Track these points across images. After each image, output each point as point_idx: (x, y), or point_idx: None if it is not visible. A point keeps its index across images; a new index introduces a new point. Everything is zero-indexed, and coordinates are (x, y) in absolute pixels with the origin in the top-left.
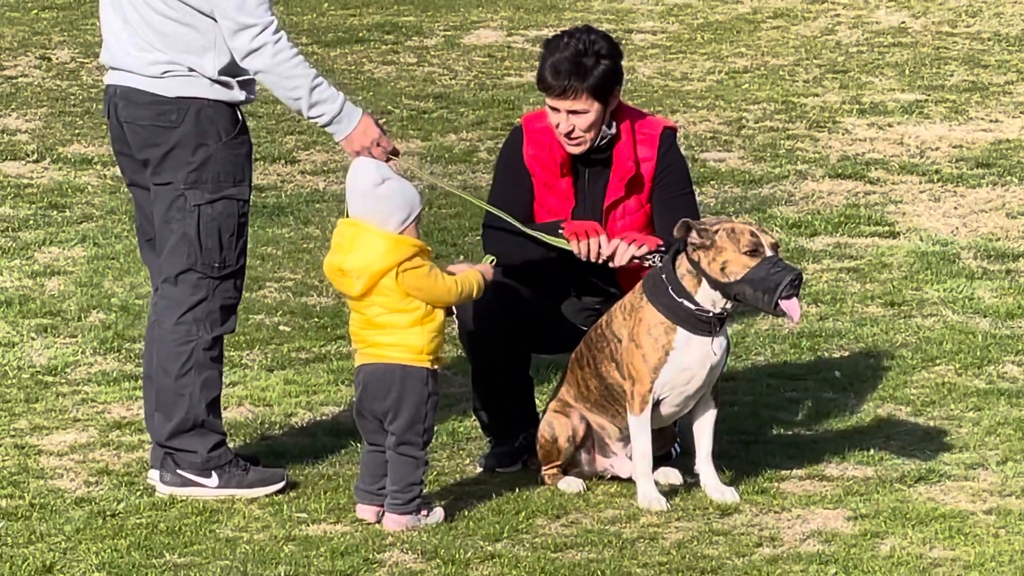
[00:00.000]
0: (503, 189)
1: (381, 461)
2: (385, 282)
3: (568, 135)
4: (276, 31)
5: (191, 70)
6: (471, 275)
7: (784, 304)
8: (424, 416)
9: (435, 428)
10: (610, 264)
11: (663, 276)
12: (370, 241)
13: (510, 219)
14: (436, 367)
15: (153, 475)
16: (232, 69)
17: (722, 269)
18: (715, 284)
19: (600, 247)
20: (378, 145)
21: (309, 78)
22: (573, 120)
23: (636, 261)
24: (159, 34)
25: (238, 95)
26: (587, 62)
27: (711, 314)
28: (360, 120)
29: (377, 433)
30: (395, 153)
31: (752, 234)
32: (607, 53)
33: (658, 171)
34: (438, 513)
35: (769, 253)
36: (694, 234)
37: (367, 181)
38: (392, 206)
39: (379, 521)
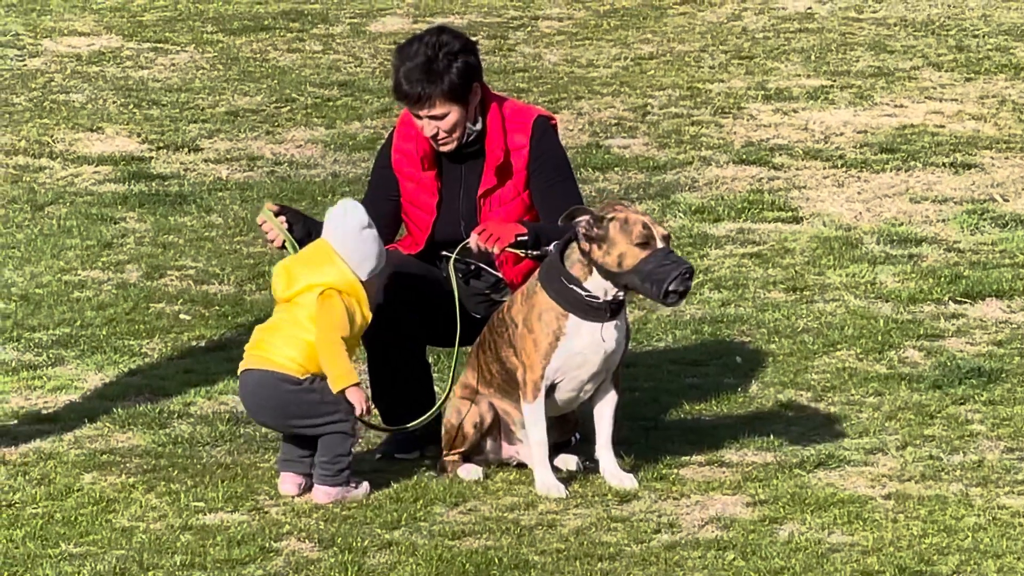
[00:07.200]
0: (371, 198)
1: (304, 436)
2: (308, 296)
3: (434, 138)
4: None
5: None
6: (349, 373)
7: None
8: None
9: None
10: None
11: (556, 263)
12: (329, 266)
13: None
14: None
15: None
16: None
17: (613, 259)
18: (606, 274)
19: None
20: None
21: None
22: (436, 124)
23: (508, 252)
24: None
25: None
26: (438, 67)
27: (602, 301)
28: None
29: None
30: None
31: (644, 226)
32: (459, 53)
33: (532, 159)
34: (365, 486)
35: (660, 245)
36: (586, 223)
37: (355, 222)
38: (370, 250)
39: (302, 493)
